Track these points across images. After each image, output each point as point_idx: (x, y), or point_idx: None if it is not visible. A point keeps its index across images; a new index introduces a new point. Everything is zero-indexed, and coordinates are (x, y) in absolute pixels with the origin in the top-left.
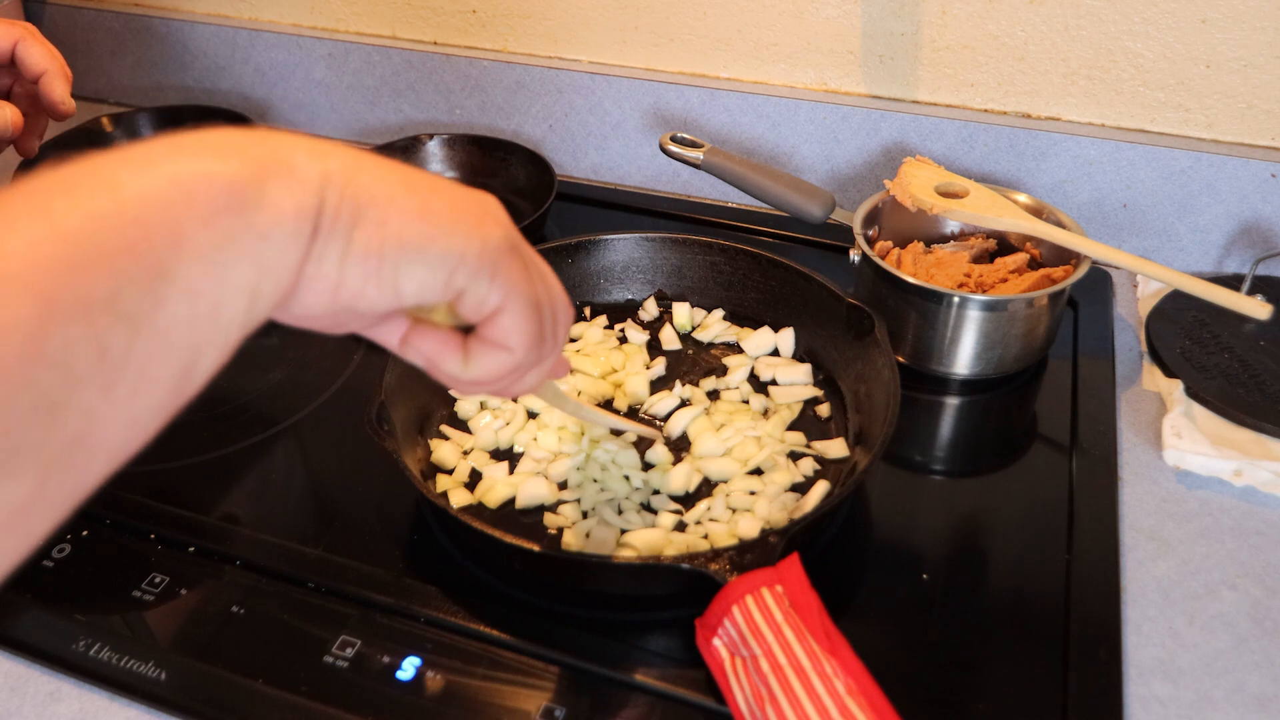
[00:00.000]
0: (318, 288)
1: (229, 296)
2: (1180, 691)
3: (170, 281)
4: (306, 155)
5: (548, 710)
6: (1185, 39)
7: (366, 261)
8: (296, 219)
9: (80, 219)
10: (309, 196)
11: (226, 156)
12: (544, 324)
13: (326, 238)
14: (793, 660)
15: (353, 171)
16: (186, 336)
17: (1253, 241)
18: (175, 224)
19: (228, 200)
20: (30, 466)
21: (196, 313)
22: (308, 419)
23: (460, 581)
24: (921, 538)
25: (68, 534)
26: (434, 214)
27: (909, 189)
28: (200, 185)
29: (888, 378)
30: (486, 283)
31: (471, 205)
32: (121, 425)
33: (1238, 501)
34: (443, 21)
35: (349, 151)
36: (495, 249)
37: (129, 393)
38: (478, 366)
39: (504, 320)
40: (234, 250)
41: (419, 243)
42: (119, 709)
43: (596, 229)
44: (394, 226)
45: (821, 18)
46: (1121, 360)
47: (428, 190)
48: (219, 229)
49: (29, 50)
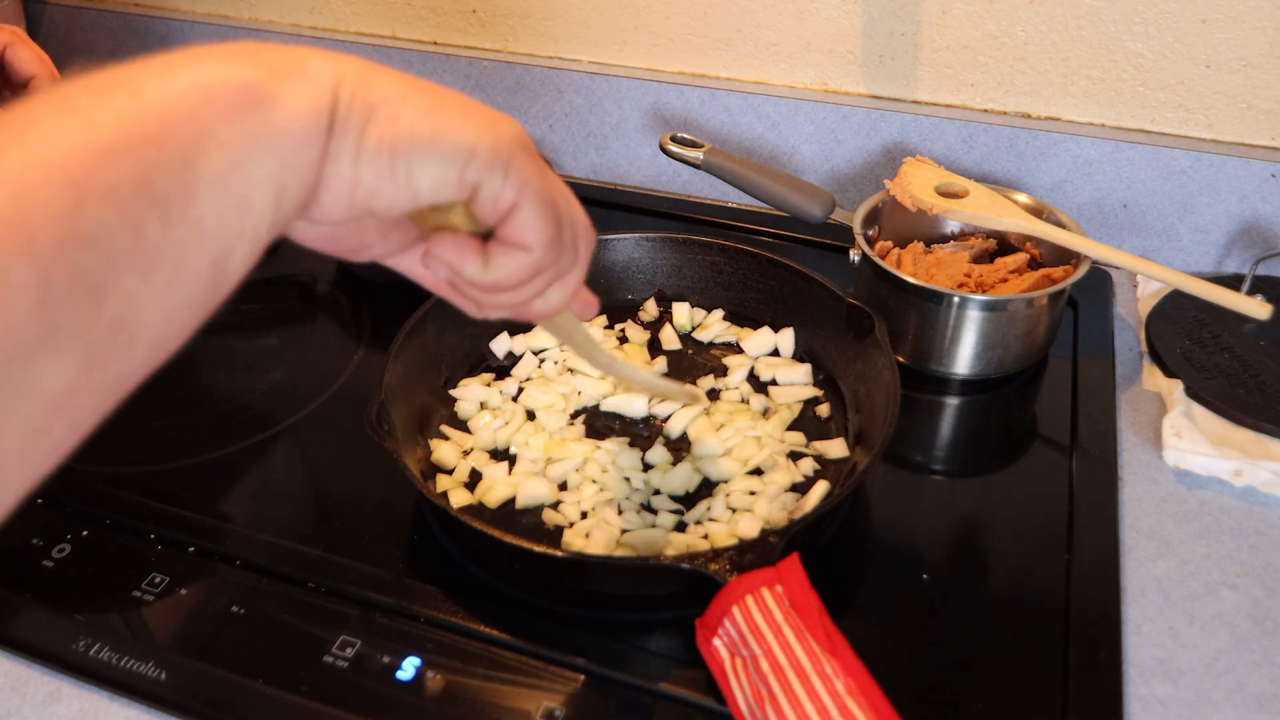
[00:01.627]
0: (335, 186)
1: (255, 191)
2: (1180, 691)
3: (196, 172)
4: (319, 59)
5: (548, 710)
6: (1185, 39)
7: (380, 157)
8: (312, 115)
9: (106, 113)
10: (323, 95)
11: (241, 62)
12: (562, 226)
13: (340, 135)
14: (793, 660)
15: (365, 73)
16: (217, 228)
17: (1253, 241)
18: (196, 119)
19: (244, 98)
20: (72, 346)
21: (225, 204)
22: (308, 419)
23: (460, 581)
24: (921, 538)
25: (68, 534)
26: (445, 110)
27: (909, 189)
28: (218, 86)
29: (888, 378)
30: (500, 177)
31: (483, 107)
32: (160, 314)
33: (1238, 501)
34: (443, 21)
35: (361, 59)
36: (508, 144)
37: (166, 281)
38: (498, 267)
39: (520, 216)
40: (255, 145)
41: (430, 136)
42: (119, 709)
43: (597, 229)
44: (405, 121)
45: (821, 18)
46: (1121, 360)
47: (440, 91)
48: (238, 125)
49: (17, 55)
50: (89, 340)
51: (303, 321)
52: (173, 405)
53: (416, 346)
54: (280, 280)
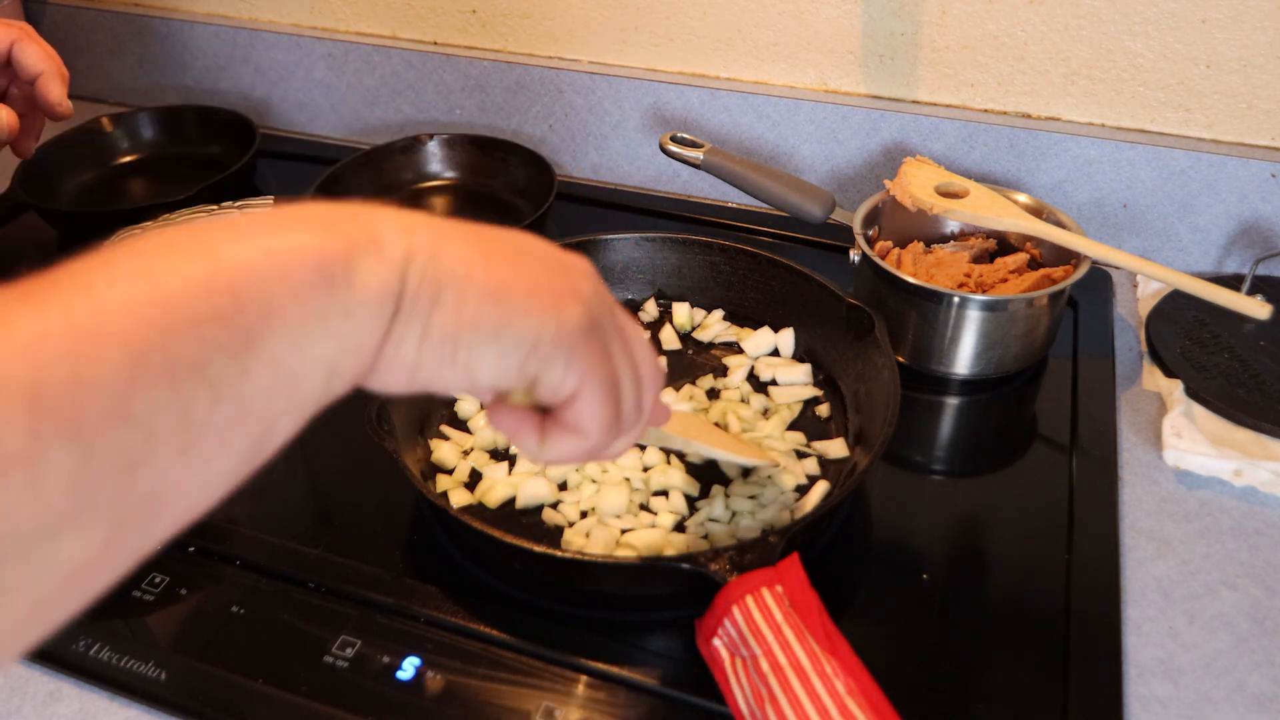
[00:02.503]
0: (396, 368)
1: (309, 371)
2: (1180, 691)
3: (257, 353)
4: (394, 230)
5: (548, 710)
6: (1185, 39)
7: (443, 345)
8: (380, 298)
9: (177, 282)
10: (393, 276)
11: (320, 231)
12: (622, 404)
13: (407, 319)
14: (793, 660)
15: (436, 247)
16: (265, 406)
17: (1253, 241)
18: (267, 297)
19: (317, 276)
20: (102, 522)
21: (277, 384)
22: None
23: (460, 581)
24: (921, 538)
25: None
26: (511, 294)
27: (909, 189)
28: (294, 259)
29: (888, 378)
30: (561, 368)
31: (553, 281)
32: (192, 488)
33: (1238, 501)
34: (443, 21)
35: (435, 223)
36: (572, 332)
37: (205, 457)
38: (553, 449)
39: (578, 405)
40: (320, 326)
41: (493, 328)
42: (119, 709)
43: (596, 229)
44: (469, 310)
45: (821, 18)
46: (1121, 360)
47: (508, 266)
48: (309, 304)
49: (25, 51)
50: (116, 515)
51: None
52: None
53: None
54: None
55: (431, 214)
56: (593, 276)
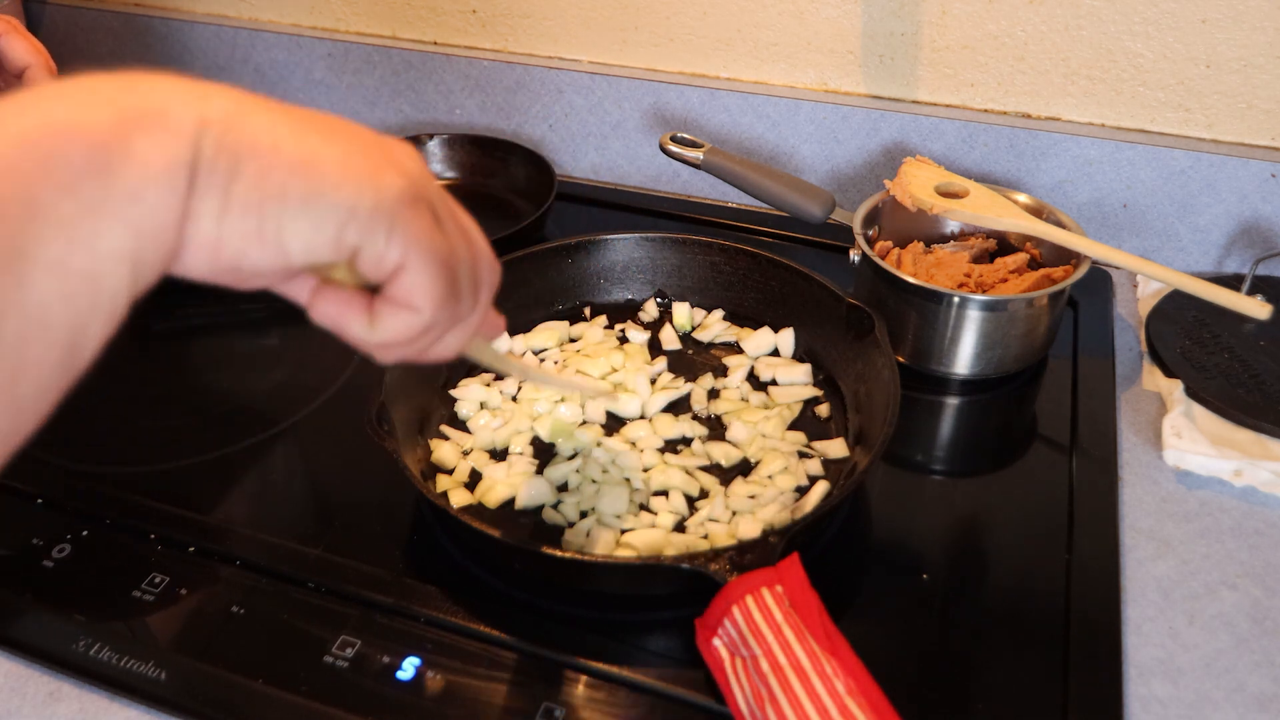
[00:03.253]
0: (196, 246)
1: (105, 267)
2: (1180, 691)
3: (32, 260)
4: (183, 100)
5: (548, 710)
6: (1185, 39)
7: (246, 217)
8: (169, 174)
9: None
10: (182, 148)
11: (87, 107)
12: (458, 281)
13: (204, 193)
14: (793, 660)
15: (235, 117)
16: (63, 315)
17: (1253, 241)
18: (29, 197)
19: (88, 160)
20: None
21: (69, 288)
22: (308, 419)
23: (460, 581)
24: (921, 538)
25: (68, 534)
26: (322, 164)
27: (909, 189)
28: (56, 146)
29: (888, 378)
30: (383, 238)
31: (369, 153)
32: (6, 410)
33: (1238, 501)
34: (443, 21)
35: (236, 94)
36: (393, 201)
37: (8, 379)
38: (384, 328)
39: (406, 278)
40: (101, 217)
41: (302, 196)
42: (119, 709)
43: (596, 229)
44: (275, 179)
45: (821, 18)
46: (1121, 360)
47: (319, 137)
48: (82, 195)
49: (12, 45)
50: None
51: (303, 321)
52: (173, 405)
53: None
54: None
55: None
56: (416, 157)
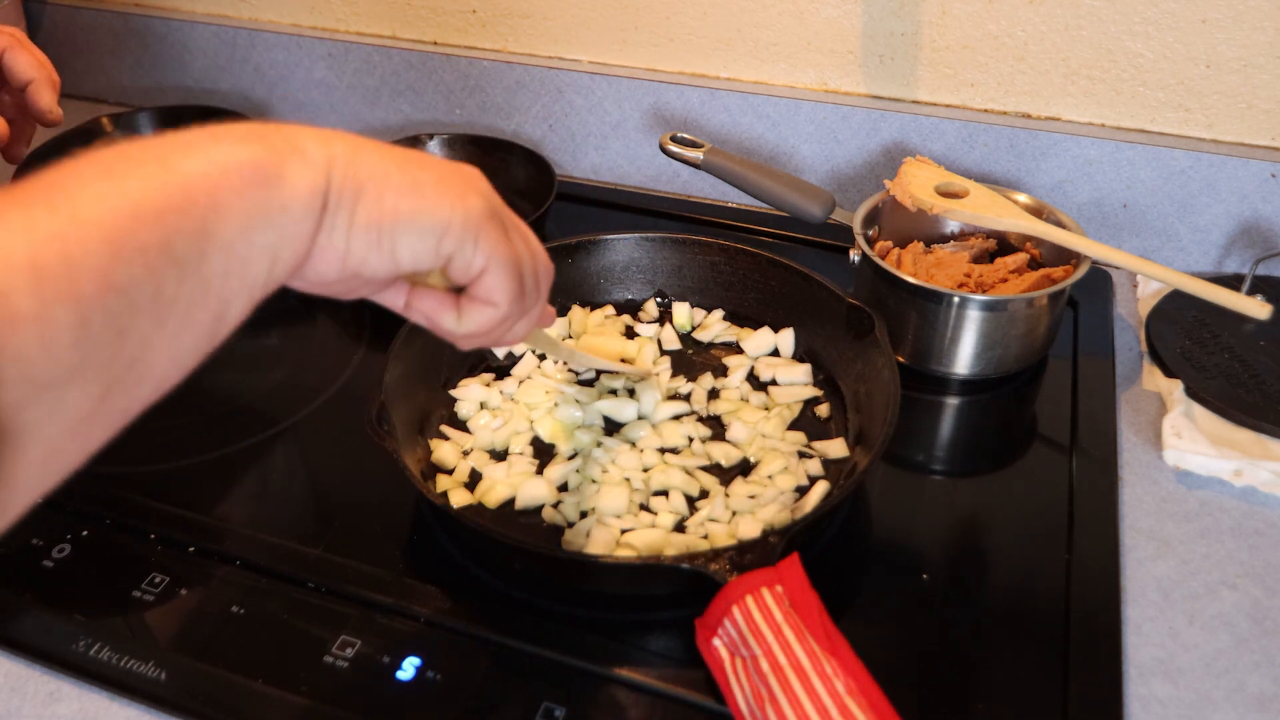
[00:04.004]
0: (329, 256)
1: (255, 256)
2: (1180, 691)
3: (211, 238)
4: (314, 141)
5: (548, 710)
6: (1185, 39)
7: (368, 233)
8: (310, 195)
9: (139, 182)
10: (319, 176)
11: (251, 143)
12: (525, 280)
13: (334, 212)
14: (793, 660)
15: (352, 154)
16: (221, 287)
17: (1253, 241)
18: (214, 193)
19: (254, 176)
20: (97, 378)
21: (229, 267)
22: (308, 419)
23: (460, 581)
24: (921, 538)
25: (68, 534)
26: (422, 189)
27: (909, 189)
28: (232, 164)
29: (888, 378)
30: (471, 247)
31: (455, 179)
32: (167, 357)
33: (1238, 501)
34: (443, 21)
35: (348, 136)
36: (477, 218)
37: (176, 329)
38: (469, 321)
39: (488, 279)
40: (260, 218)
41: (410, 215)
42: (119, 709)
43: (596, 229)
44: (389, 201)
45: (821, 18)
46: (1121, 360)
47: (416, 167)
48: (249, 199)
49: (16, 59)
50: (110, 375)
51: (303, 321)
52: (173, 405)
53: (416, 346)
54: None
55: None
56: (485, 180)
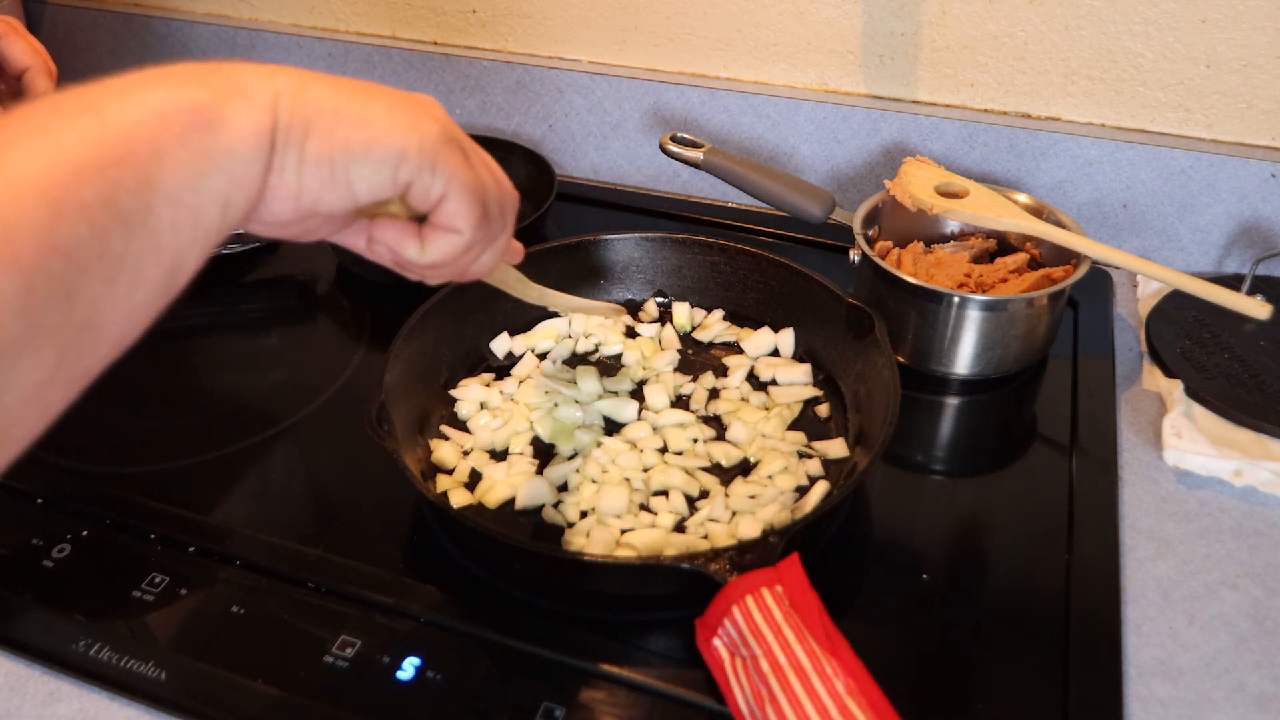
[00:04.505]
0: (282, 195)
1: (205, 205)
2: (1180, 691)
3: (155, 190)
4: (257, 78)
5: (548, 710)
6: (1185, 39)
7: (320, 168)
8: (256, 135)
9: (75, 135)
10: (265, 115)
11: (190, 85)
12: (488, 205)
13: (283, 151)
14: (793, 660)
15: (299, 89)
16: (172, 240)
17: (1253, 241)
18: (155, 141)
19: (195, 121)
20: (49, 344)
21: (179, 218)
22: (308, 419)
23: (460, 581)
24: (921, 538)
25: (68, 534)
26: (373, 118)
27: (909, 189)
28: (171, 109)
29: (888, 378)
30: (429, 174)
31: (408, 106)
32: (121, 315)
33: (1238, 501)
34: (443, 21)
35: (293, 70)
36: (433, 143)
37: (128, 287)
38: (433, 249)
39: (449, 205)
40: (207, 164)
41: (363, 146)
42: (119, 709)
43: (596, 229)
44: (340, 134)
45: (821, 18)
46: (1121, 360)
47: (367, 97)
48: (192, 146)
49: (11, 46)
50: (62, 340)
51: (303, 321)
52: (173, 405)
53: (416, 346)
54: (280, 280)
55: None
56: (441, 107)
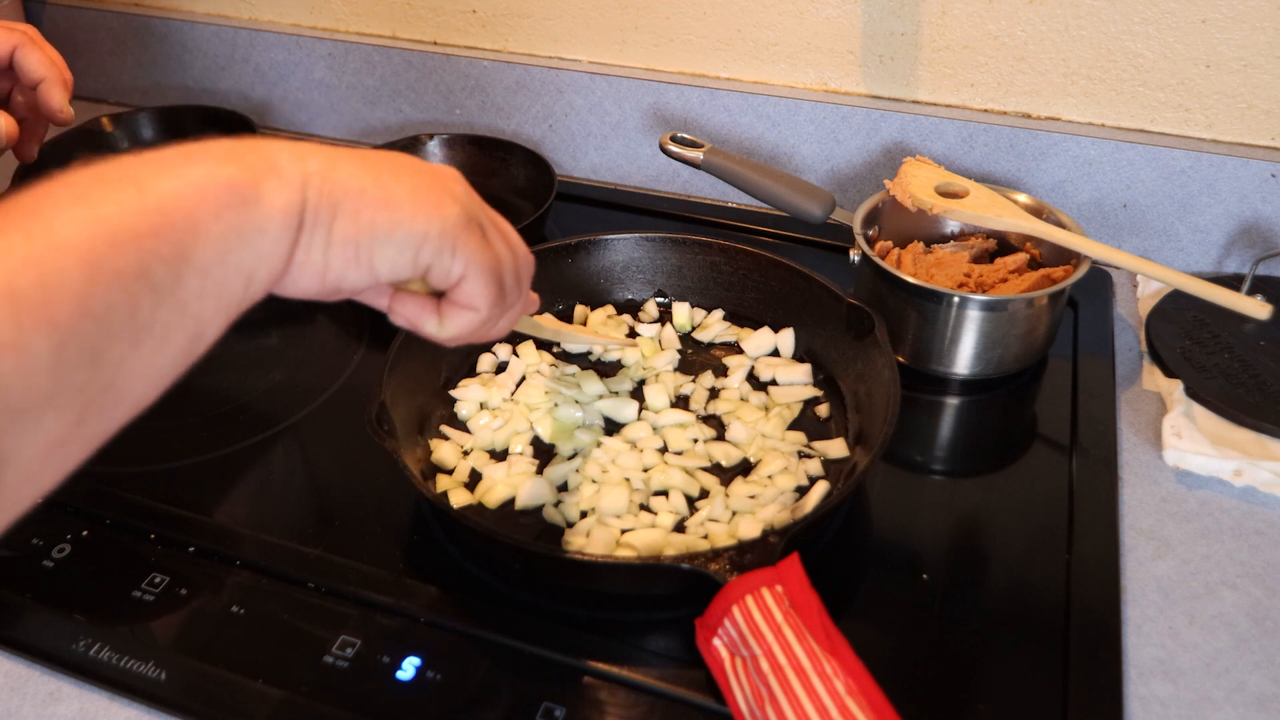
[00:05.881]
0: (309, 272)
1: (231, 278)
2: (1180, 691)
3: (188, 261)
4: (289, 158)
5: (548, 710)
6: (1185, 39)
7: (346, 249)
8: (286, 214)
9: (115, 206)
10: (295, 194)
11: (227, 163)
12: (505, 282)
13: (311, 230)
14: (793, 660)
15: (328, 170)
16: (198, 309)
17: (1253, 241)
18: (191, 215)
19: (231, 198)
20: (72, 404)
21: (206, 289)
22: (308, 419)
23: (460, 581)
24: (921, 538)
25: (68, 534)
26: (398, 201)
27: (909, 189)
28: (209, 185)
29: (888, 378)
30: (449, 257)
31: (432, 188)
32: (143, 378)
33: (1238, 501)
34: (443, 21)
35: (323, 150)
36: (454, 227)
37: (152, 351)
38: (451, 326)
39: (467, 286)
40: (237, 240)
41: (387, 229)
42: (119, 709)
43: (596, 229)
44: (365, 216)
45: (821, 18)
46: (1121, 360)
47: (392, 178)
48: (227, 221)
49: (27, 56)
50: (84, 399)
51: (303, 321)
52: (173, 405)
53: (416, 346)
54: None
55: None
56: (463, 182)
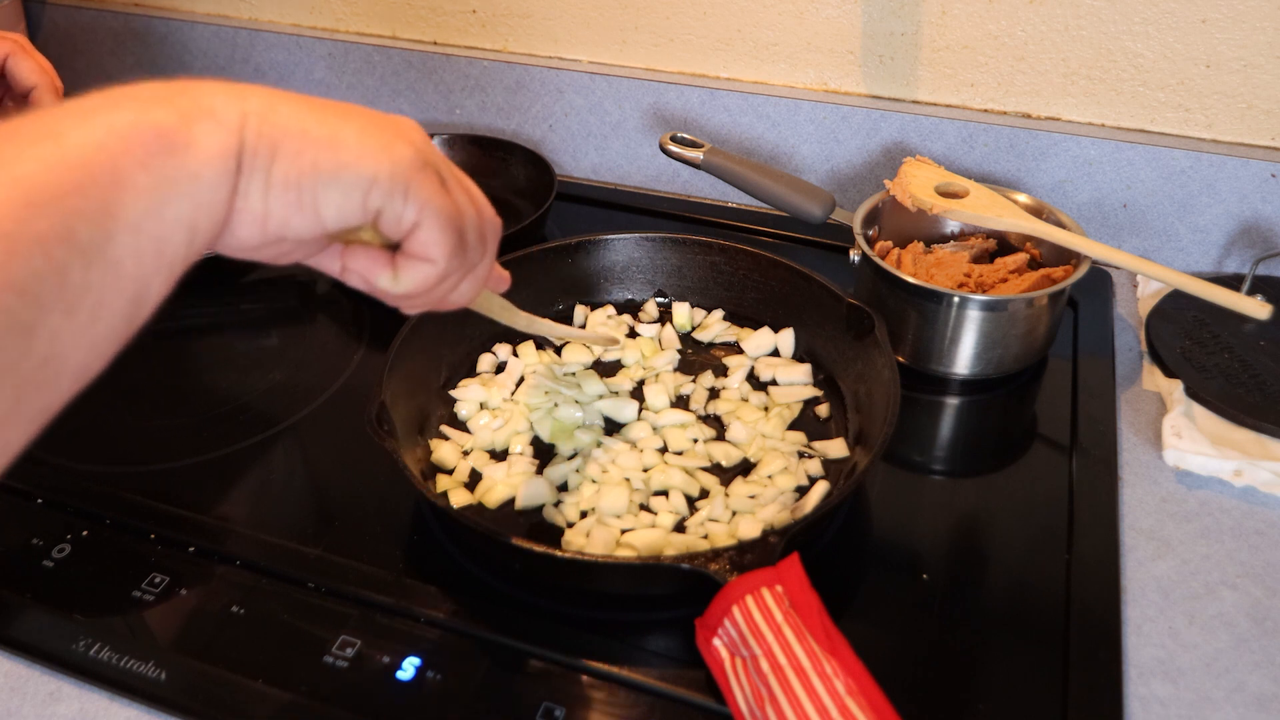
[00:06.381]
0: (248, 219)
1: (169, 231)
2: (1180, 691)
3: (116, 218)
4: (226, 98)
5: (548, 710)
6: (1185, 39)
7: (287, 192)
8: (222, 158)
9: (31, 164)
10: (231, 137)
11: (155, 106)
12: (465, 234)
13: (249, 174)
14: (793, 660)
15: (267, 110)
16: (134, 268)
17: (1253, 241)
18: (116, 167)
19: (159, 144)
20: (5, 382)
21: (142, 246)
22: (308, 419)
23: (460, 581)
24: (921, 538)
25: (68, 534)
26: (344, 141)
27: (909, 189)
28: (134, 132)
29: (888, 378)
30: (400, 200)
31: (382, 129)
32: (83, 348)
33: (1238, 501)
34: (443, 21)
35: (265, 91)
36: (406, 168)
37: (89, 319)
38: (406, 279)
39: (422, 233)
40: (170, 189)
41: (331, 170)
42: (119, 709)
43: (596, 229)
44: (308, 157)
45: (821, 18)
46: (1121, 360)
47: (338, 119)
48: (155, 170)
49: (19, 64)
50: (19, 376)
51: (303, 321)
52: (173, 405)
53: (416, 346)
54: (280, 280)
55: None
56: (420, 130)
